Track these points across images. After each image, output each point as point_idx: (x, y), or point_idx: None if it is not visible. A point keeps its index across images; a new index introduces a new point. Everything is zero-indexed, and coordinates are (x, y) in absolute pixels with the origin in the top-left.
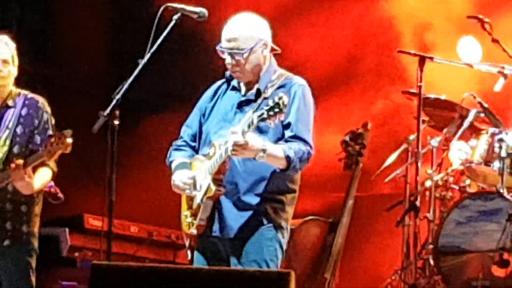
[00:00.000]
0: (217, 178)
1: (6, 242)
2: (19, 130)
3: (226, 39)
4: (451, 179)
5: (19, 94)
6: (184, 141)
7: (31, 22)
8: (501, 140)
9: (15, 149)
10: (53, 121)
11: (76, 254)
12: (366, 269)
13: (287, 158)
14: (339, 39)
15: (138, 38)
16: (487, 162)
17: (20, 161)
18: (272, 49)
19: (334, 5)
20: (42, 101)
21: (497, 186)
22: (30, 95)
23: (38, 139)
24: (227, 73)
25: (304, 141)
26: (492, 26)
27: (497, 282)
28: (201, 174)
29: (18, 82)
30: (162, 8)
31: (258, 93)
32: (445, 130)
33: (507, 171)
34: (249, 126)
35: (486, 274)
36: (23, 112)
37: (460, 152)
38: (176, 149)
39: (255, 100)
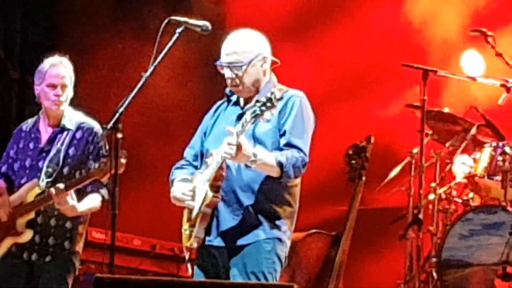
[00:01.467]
0: (214, 185)
1: (48, 258)
2: (71, 151)
3: (225, 54)
4: (454, 192)
5: (73, 115)
6: (187, 161)
7: (34, 35)
8: (504, 153)
9: (65, 170)
10: (107, 148)
11: (79, 266)
12: (369, 282)
13: (279, 164)
14: (341, 52)
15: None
16: (490, 175)
17: (61, 185)
18: (273, 63)
19: (335, 18)
20: (97, 127)
21: (500, 199)
22: (84, 118)
23: (92, 164)
24: (227, 90)
25: (298, 149)
26: (496, 39)
27: None
28: (200, 184)
29: (21, 95)
30: (165, 21)
31: None
32: (448, 144)
33: (510, 184)
34: (242, 125)
35: None
36: (78, 135)
37: (463, 165)
38: (178, 168)
39: None
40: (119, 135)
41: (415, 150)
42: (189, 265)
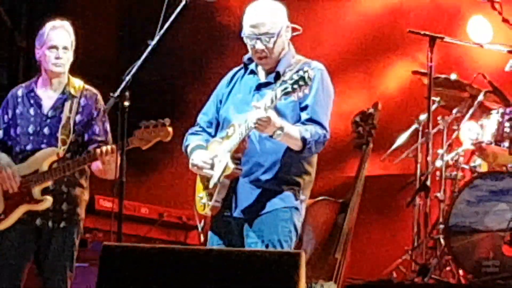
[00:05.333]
0: (236, 157)
1: (62, 224)
2: (77, 118)
3: (253, 25)
4: (461, 159)
5: (76, 83)
6: (201, 127)
7: (42, 4)
8: (511, 119)
9: (72, 137)
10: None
11: (87, 235)
12: (376, 249)
13: (303, 139)
14: (347, 20)
15: (148, 21)
16: (497, 141)
17: (108, 147)
18: (294, 29)
19: None
20: (99, 94)
21: (507, 165)
22: (87, 86)
23: (96, 129)
24: (245, 58)
25: (321, 125)
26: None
27: (508, 262)
28: (219, 154)
29: (30, 64)
30: None
31: (277, 76)
32: (455, 110)
33: None
34: (272, 101)
35: (497, 254)
36: (82, 102)
37: (471, 132)
38: (192, 134)
39: (274, 83)
40: (126, 103)
41: (422, 117)
42: (201, 234)
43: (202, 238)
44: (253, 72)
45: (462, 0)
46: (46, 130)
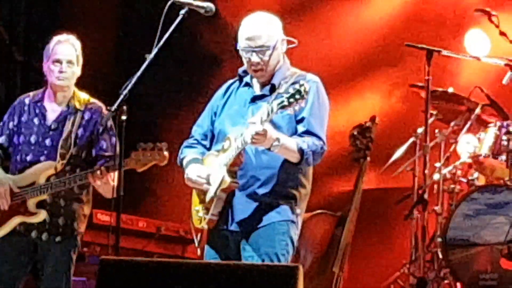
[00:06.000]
0: (232, 170)
1: (58, 238)
2: (80, 132)
3: (249, 38)
4: (459, 172)
5: (81, 96)
6: (196, 139)
7: (39, 18)
8: (508, 132)
9: (73, 151)
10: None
11: (85, 249)
12: (374, 262)
13: (300, 150)
14: (345, 33)
15: (145, 35)
16: (495, 155)
17: (101, 169)
18: (289, 42)
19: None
20: (105, 108)
21: (505, 179)
22: (92, 99)
23: (104, 144)
24: (240, 70)
25: (317, 137)
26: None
27: (506, 275)
28: (215, 168)
29: (27, 78)
30: (169, 3)
31: (273, 88)
32: (452, 123)
33: None
34: (268, 114)
35: (495, 267)
36: (86, 116)
37: (468, 145)
38: (187, 147)
39: (269, 95)
40: (123, 117)
41: (419, 130)
42: (198, 248)
43: (199, 252)
44: (248, 85)
45: (460, 13)
46: (47, 142)
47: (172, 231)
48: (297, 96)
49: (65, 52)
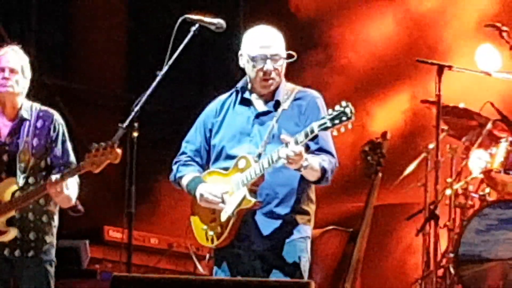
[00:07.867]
0: (252, 189)
1: (31, 253)
2: (35, 142)
3: (264, 46)
4: (470, 187)
5: (31, 106)
6: (189, 156)
7: (50, 35)
8: None
9: (31, 162)
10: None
11: (97, 266)
12: (386, 278)
13: (323, 169)
14: (356, 49)
15: (156, 51)
16: (506, 170)
17: (56, 177)
18: (289, 56)
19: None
20: (56, 114)
21: None
22: (43, 107)
23: (57, 152)
24: (239, 85)
25: (331, 154)
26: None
27: None
28: (231, 187)
29: (38, 96)
30: (180, 20)
31: (277, 104)
32: (464, 139)
33: None
34: (306, 136)
35: (507, 283)
36: (38, 124)
37: (480, 160)
38: (183, 165)
39: (274, 111)
40: (135, 134)
41: (431, 146)
42: (199, 265)
43: (203, 270)
44: (245, 100)
45: (470, 28)
46: (5, 158)
47: (184, 248)
48: (344, 118)
49: (7, 60)
